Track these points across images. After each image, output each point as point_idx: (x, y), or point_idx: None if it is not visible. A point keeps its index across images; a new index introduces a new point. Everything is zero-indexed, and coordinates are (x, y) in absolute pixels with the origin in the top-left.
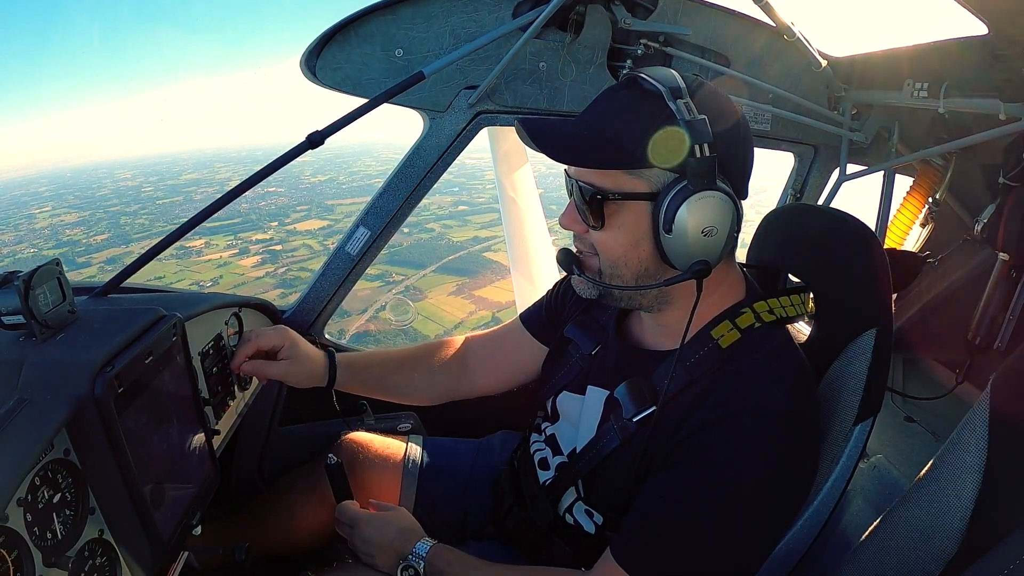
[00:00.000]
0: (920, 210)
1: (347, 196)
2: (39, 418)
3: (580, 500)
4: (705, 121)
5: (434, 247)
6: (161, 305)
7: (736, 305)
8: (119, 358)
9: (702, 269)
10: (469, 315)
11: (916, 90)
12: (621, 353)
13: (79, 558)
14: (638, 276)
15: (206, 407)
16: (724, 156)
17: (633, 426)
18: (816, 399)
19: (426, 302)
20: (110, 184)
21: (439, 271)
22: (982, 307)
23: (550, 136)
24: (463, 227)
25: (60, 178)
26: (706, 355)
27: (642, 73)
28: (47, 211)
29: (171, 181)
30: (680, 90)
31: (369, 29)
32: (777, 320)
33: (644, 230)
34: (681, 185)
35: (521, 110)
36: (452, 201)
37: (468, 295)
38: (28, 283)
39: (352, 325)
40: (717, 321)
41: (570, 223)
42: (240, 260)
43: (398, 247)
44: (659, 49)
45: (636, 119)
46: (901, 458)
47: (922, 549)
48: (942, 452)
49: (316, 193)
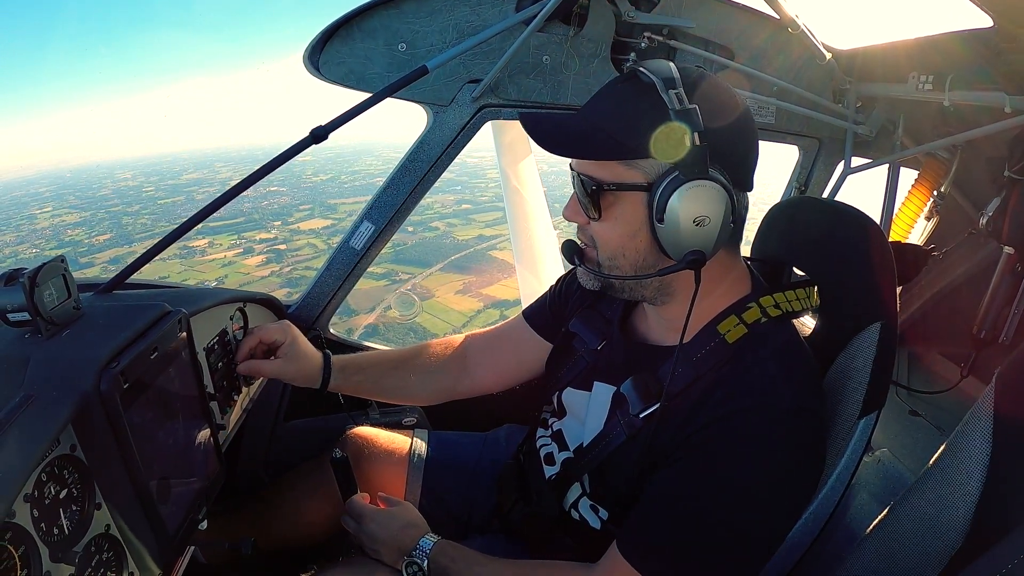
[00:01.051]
0: (925, 203)
1: (349, 195)
2: (45, 414)
3: (586, 495)
4: (696, 111)
5: (439, 245)
6: (166, 301)
7: (742, 300)
8: (124, 354)
9: (696, 259)
10: (477, 312)
11: (921, 83)
12: (627, 349)
13: (86, 553)
14: (636, 267)
15: (211, 402)
16: (720, 146)
17: (639, 422)
18: (822, 395)
19: (433, 300)
20: (110, 184)
21: (445, 269)
22: (987, 301)
23: (548, 129)
24: (467, 225)
25: (60, 178)
26: (712, 350)
27: (640, 66)
28: (48, 211)
29: (172, 181)
30: (674, 81)
31: (372, 24)
32: (783, 315)
33: (641, 221)
34: (673, 175)
35: (524, 104)
36: (455, 200)
37: (475, 293)
38: (33, 280)
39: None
40: (723, 316)
41: (572, 215)
42: (245, 259)
43: (403, 246)
44: (663, 42)
45: (631, 111)
46: (906, 452)
47: (927, 543)
48: (947, 446)
49: (318, 192)
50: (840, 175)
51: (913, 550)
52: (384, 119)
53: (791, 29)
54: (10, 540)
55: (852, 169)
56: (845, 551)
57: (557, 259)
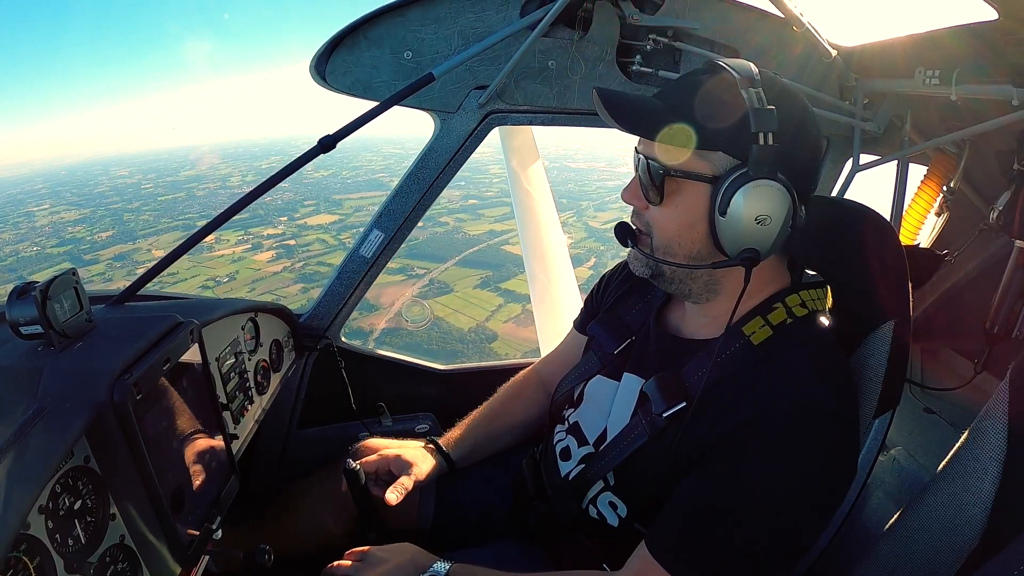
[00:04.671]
0: (935, 199)
1: (353, 191)
2: (59, 426)
3: (608, 490)
4: (773, 112)
5: (451, 240)
6: (178, 312)
7: (768, 299)
8: (137, 365)
9: (751, 257)
10: (498, 307)
11: (927, 78)
12: (659, 340)
13: (100, 564)
14: (689, 258)
15: (224, 412)
16: (788, 150)
17: (663, 421)
18: (856, 396)
19: (453, 295)
20: (107, 181)
21: (461, 264)
22: (999, 296)
23: (626, 108)
24: (477, 220)
25: (55, 176)
26: (737, 352)
27: (722, 61)
28: (46, 208)
29: (170, 178)
30: (754, 80)
31: (378, 32)
32: (810, 313)
33: (701, 212)
34: (742, 171)
35: (531, 109)
36: (461, 195)
37: (494, 287)
38: (45, 293)
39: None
40: (749, 317)
41: (631, 197)
42: (254, 255)
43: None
44: (668, 44)
45: (709, 101)
46: (921, 450)
47: (943, 542)
48: (962, 443)
49: (322, 188)
50: (848, 173)
51: (929, 549)
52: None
53: (795, 27)
54: (25, 551)
55: (860, 166)
56: (861, 550)
57: (567, 260)
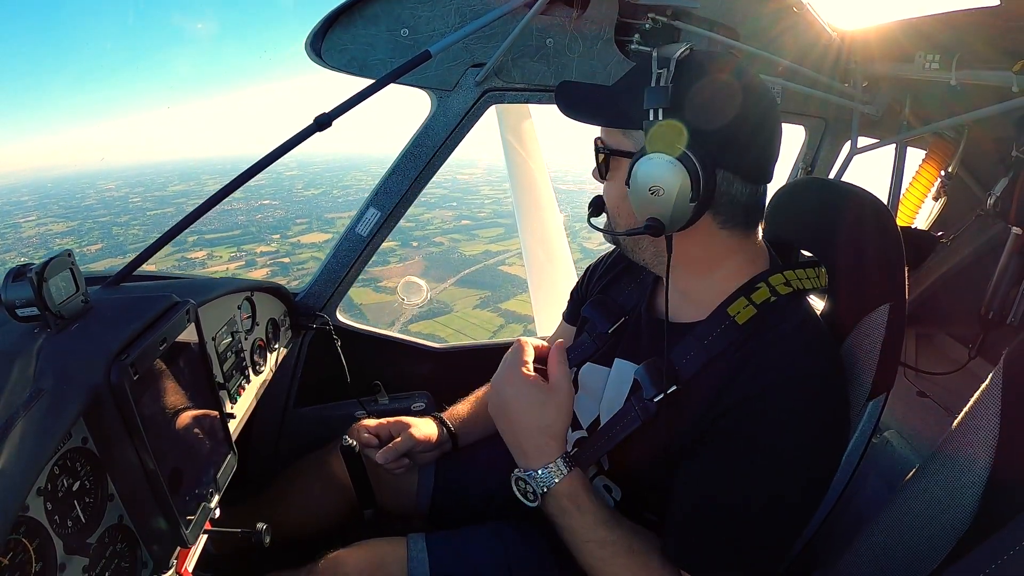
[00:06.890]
0: (932, 183)
1: (344, 209)
2: (56, 408)
3: (603, 474)
4: (667, 90)
5: (447, 260)
6: (174, 291)
7: (751, 280)
8: (134, 346)
9: (653, 225)
10: (499, 328)
11: (928, 62)
12: (648, 324)
13: (99, 544)
14: (628, 228)
15: (221, 391)
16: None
17: (653, 406)
18: (842, 365)
19: (454, 315)
20: (94, 194)
21: (458, 284)
22: (995, 281)
23: (572, 96)
24: (472, 241)
25: (41, 188)
26: (723, 333)
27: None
28: (32, 220)
29: (158, 192)
30: (667, 60)
31: (374, 9)
32: (794, 292)
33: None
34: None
35: (528, 87)
36: (454, 215)
37: (494, 308)
38: (41, 275)
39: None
40: (733, 298)
41: (593, 176)
42: (248, 272)
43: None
44: (667, 23)
45: (635, 84)
46: (914, 433)
47: (934, 524)
48: (955, 427)
49: (312, 206)
50: (847, 155)
51: (921, 532)
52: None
53: (796, 9)
54: (24, 534)
55: (858, 149)
56: (854, 533)
57: (564, 238)
